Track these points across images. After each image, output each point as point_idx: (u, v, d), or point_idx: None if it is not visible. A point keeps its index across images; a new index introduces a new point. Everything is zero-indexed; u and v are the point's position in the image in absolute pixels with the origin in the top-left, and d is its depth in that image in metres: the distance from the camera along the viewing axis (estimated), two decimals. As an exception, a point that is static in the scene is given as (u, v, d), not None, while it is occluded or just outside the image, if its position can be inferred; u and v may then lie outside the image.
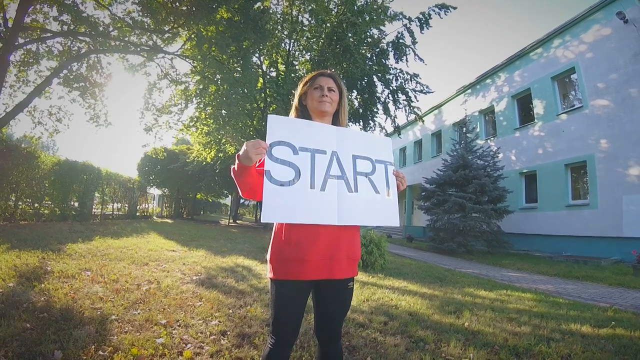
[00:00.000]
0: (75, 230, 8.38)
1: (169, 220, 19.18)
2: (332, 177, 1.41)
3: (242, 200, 37.96)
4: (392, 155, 1.62)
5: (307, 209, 1.32)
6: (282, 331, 1.38)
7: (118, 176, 15.23)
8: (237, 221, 29.65)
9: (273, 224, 1.47)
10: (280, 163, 1.32)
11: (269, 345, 1.38)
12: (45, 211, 10.14)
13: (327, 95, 1.54)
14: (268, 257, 1.42)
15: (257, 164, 1.39)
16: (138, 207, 17.88)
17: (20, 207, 9.23)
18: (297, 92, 1.64)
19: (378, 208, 1.48)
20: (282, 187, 1.30)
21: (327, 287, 1.44)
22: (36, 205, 9.83)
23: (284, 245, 1.37)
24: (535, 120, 13.55)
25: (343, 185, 1.42)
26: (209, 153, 17.09)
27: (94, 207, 13.31)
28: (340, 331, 1.54)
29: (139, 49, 10.51)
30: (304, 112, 1.61)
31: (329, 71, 1.63)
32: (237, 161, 1.32)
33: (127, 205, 16.44)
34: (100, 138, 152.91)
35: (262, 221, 1.25)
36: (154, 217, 19.84)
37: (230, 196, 34.14)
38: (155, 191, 23.43)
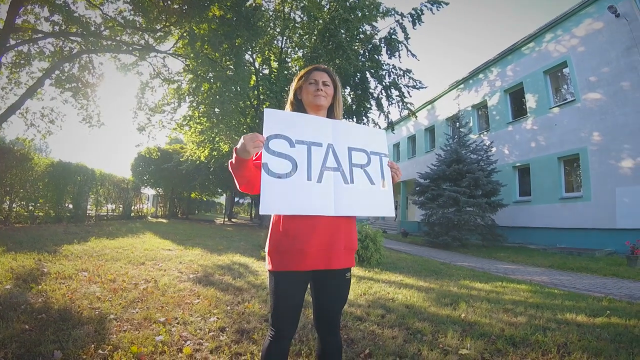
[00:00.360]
0: (71, 232, 8.32)
1: (163, 220, 19.11)
2: (329, 169, 1.43)
3: (236, 199, 37.86)
4: (386, 147, 1.65)
5: (304, 200, 1.34)
6: (281, 322, 1.39)
7: (112, 177, 15.12)
8: (232, 219, 29.57)
9: (269, 221, 1.49)
10: (278, 156, 1.34)
11: (269, 338, 1.40)
12: (40, 213, 10.05)
13: (322, 90, 1.56)
14: (266, 249, 1.43)
15: (254, 157, 1.40)
16: (132, 207, 17.78)
17: (14, 209, 9.16)
18: (292, 87, 1.65)
19: (374, 199, 1.51)
20: (280, 179, 1.32)
21: (325, 278, 1.46)
22: (31, 207, 9.74)
23: (282, 237, 1.38)
24: (528, 114, 13.65)
25: (339, 177, 1.44)
26: (203, 152, 17.03)
27: (88, 208, 13.23)
28: (339, 322, 1.56)
29: (131, 48, 10.44)
30: (299, 107, 1.63)
31: (323, 66, 1.65)
32: (234, 154, 1.33)
33: (121, 205, 16.34)
34: (93, 139, 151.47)
35: (260, 213, 1.27)
36: (149, 217, 19.73)
37: (224, 195, 34.00)
38: (149, 191, 23.29)
